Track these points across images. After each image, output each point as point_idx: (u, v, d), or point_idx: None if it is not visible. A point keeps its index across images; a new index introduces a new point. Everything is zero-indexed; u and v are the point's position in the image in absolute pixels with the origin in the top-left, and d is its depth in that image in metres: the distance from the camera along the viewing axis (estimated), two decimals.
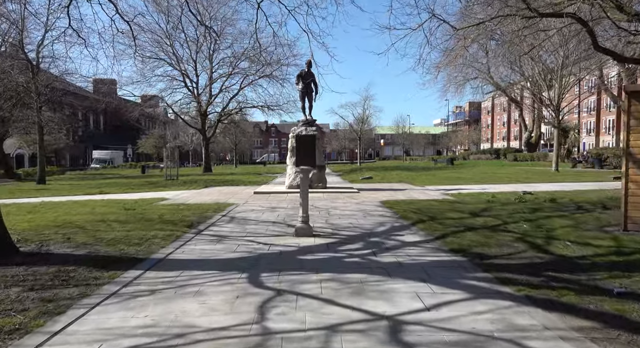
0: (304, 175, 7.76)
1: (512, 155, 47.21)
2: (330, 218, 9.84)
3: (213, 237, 7.73)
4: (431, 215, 9.95)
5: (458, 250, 6.35)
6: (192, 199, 14.80)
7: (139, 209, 11.90)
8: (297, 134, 17.08)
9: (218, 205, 12.80)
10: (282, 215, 10.62)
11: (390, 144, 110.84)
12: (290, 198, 14.43)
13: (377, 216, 10.15)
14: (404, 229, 8.29)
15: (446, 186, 18.43)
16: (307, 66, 17.35)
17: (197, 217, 10.28)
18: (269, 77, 36.17)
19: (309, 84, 17.45)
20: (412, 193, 15.58)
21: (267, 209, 11.81)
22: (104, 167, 55.53)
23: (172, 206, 12.56)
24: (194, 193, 17.35)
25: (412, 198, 13.98)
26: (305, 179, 7.79)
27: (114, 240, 7.30)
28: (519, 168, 32.13)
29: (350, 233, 8.00)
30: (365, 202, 13.09)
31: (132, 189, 19.73)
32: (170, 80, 35.20)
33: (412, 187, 18.72)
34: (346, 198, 14.43)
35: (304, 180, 7.78)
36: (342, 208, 11.65)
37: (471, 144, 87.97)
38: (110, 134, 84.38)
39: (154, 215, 10.39)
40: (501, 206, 11.23)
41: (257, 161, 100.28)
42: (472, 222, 8.85)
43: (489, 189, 16.53)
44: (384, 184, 20.58)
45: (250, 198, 14.72)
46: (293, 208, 11.96)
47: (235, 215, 10.60)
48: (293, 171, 17.16)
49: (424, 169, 33.95)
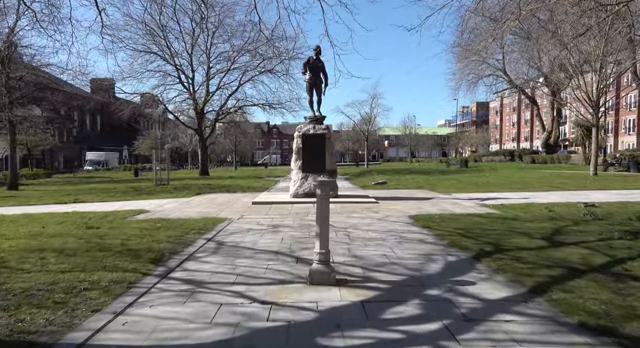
0: (321, 191, 5.12)
1: (529, 157, 44.42)
2: (353, 246, 7.19)
3: (184, 287, 5.09)
4: (490, 240, 7.30)
5: (595, 328, 3.68)
6: (176, 212, 12.17)
7: (104, 228, 9.30)
8: (303, 133, 14.46)
9: (205, 221, 10.16)
10: (287, 238, 7.98)
11: (394, 145, 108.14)
12: (296, 211, 11.80)
13: (416, 241, 7.50)
14: (468, 269, 5.64)
15: (477, 194, 15.78)
16: (316, 53, 14.72)
17: (172, 242, 7.64)
18: (270, 72, 33.52)
19: (317, 73, 14.82)
20: (443, 204, 12.94)
21: (268, 228, 9.16)
22: (96, 169, 52.99)
23: (148, 223, 9.92)
24: (181, 203, 14.72)
25: (447, 211, 11.33)
26: (325, 199, 5.14)
27: (22, 296, 4.66)
28: (546, 171, 29.42)
29: (390, 278, 5.36)
30: (391, 218, 10.44)
31: (113, 197, 17.12)
32: (164, 75, 32.57)
33: (437, 194, 16.08)
34: (365, 211, 11.78)
35: (322, 201, 5.14)
36: (364, 228, 9.00)
37: (479, 145, 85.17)
38: (107, 134, 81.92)
39: (116, 240, 7.75)
40: (575, 225, 8.56)
41: (259, 163, 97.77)
42: (561, 254, 6.18)
43: (532, 198, 13.89)
44: (402, 191, 17.93)
45: (247, 211, 12.09)
46: (301, 227, 9.34)
47: (225, 240, 7.95)
48: (299, 177, 14.54)
49: (440, 173, 31.25)
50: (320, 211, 5.17)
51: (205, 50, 33.45)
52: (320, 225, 5.18)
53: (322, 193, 5.16)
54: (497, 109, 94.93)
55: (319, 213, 5.19)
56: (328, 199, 5.26)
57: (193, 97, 33.24)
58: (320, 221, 5.17)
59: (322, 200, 5.18)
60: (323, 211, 5.16)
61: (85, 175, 43.41)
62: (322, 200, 5.18)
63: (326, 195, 5.18)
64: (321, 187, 5.17)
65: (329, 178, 6.43)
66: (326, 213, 5.19)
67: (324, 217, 5.16)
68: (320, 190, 5.17)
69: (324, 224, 5.17)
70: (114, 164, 62.30)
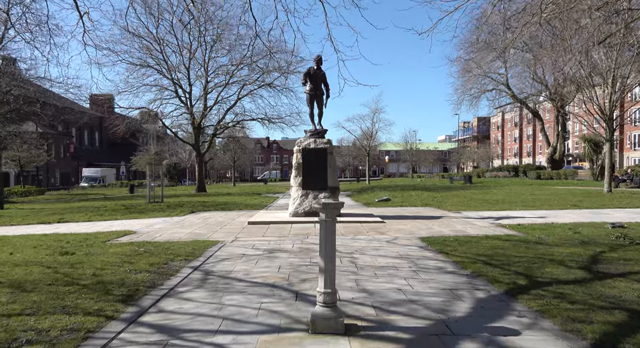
0: (326, 215, 4.14)
1: (534, 172, 43.41)
2: (362, 277, 6.19)
3: (154, 337, 4.07)
4: (519, 270, 6.29)
5: None
6: (165, 233, 11.17)
7: (80, 253, 8.30)
8: (303, 147, 13.52)
9: (195, 245, 9.15)
10: (285, 266, 6.98)
11: (395, 160, 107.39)
12: (295, 232, 10.80)
13: (434, 270, 6.49)
14: (505, 310, 4.62)
15: (489, 212, 14.79)
16: (316, 63, 13.88)
17: (153, 272, 6.64)
18: (270, 86, 32.73)
19: (318, 84, 13.95)
20: (454, 224, 11.94)
21: (264, 253, 8.16)
22: (92, 186, 51.96)
23: (131, 247, 8.91)
24: (172, 223, 13.71)
25: (461, 232, 10.33)
26: (331, 225, 4.16)
27: None
28: (555, 188, 28.40)
29: (410, 323, 4.34)
30: (401, 240, 9.44)
31: (101, 216, 16.12)
32: (160, 90, 31.75)
33: (446, 213, 15.08)
34: (371, 232, 10.77)
35: (328, 228, 4.15)
36: (372, 253, 7.99)
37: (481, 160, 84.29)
38: (106, 150, 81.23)
39: (88, 270, 6.74)
40: (612, 251, 7.55)
41: (258, 179, 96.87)
42: (612, 291, 5.17)
43: (550, 218, 12.90)
44: (408, 209, 16.94)
45: (242, 232, 11.08)
46: (301, 251, 8.34)
47: (214, 268, 6.95)
48: (298, 194, 13.57)
49: (444, 189, 30.24)
50: (324, 240, 4.18)
51: (203, 64, 32.75)
52: (324, 258, 4.18)
53: (327, 218, 4.18)
54: (498, 124, 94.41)
55: (323, 244, 4.20)
56: (334, 225, 4.28)
57: (190, 111, 32.40)
58: (325, 253, 4.17)
59: (328, 227, 4.19)
60: (328, 241, 4.17)
61: (80, 192, 42.37)
62: (327, 227, 4.19)
63: (332, 220, 4.20)
64: (326, 210, 4.18)
65: (334, 199, 5.41)
66: (332, 242, 4.20)
67: (329, 248, 4.17)
68: (324, 213, 4.18)
69: (329, 257, 4.17)
70: (111, 180, 61.29)
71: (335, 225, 4.28)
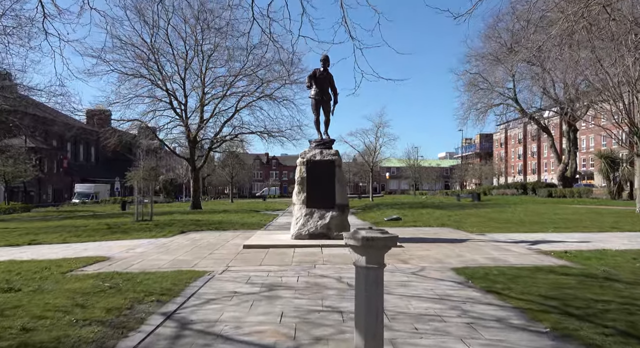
0: (369, 258, 2.39)
1: (544, 190, 41.57)
2: (398, 336, 4.35)
3: None
4: (619, 325, 4.51)
5: None
6: (144, 260, 9.36)
7: (28, 289, 6.56)
8: (308, 159, 11.81)
9: (176, 277, 7.34)
10: (289, 314, 5.18)
11: (396, 177, 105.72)
12: (299, 260, 9.01)
13: (496, 324, 4.70)
14: None
15: (518, 235, 13.02)
16: (323, 63, 12.26)
17: (108, 324, 4.83)
18: (270, 97, 31.06)
19: (325, 88, 12.29)
20: (486, 249, 10.15)
21: (261, 291, 6.36)
22: (84, 203, 50.06)
23: (97, 280, 7.10)
24: (157, 246, 11.88)
25: (499, 261, 8.54)
26: (376, 278, 2.41)
27: None
28: (574, 206, 26.67)
29: None
30: (430, 271, 7.64)
31: (79, 237, 14.30)
32: (154, 101, 30.07)
33: (469, 235, 13.30)
34: (390, 259, 8.95)
35: (372, 281, 2.39)
36: (401, 292, 6.19)
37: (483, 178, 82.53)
38: (102, 165, 79.41)
39: (20, 320, 4.94)
40: None
41: (257, 195, 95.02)
42: None
43: (594, 242, 11.17)
44: (424, 229, 15.15)
45: (235, 259, 9.27)
46: (308, 287, 6.56)
47: (193, 317, 5.14)
48: (302, 213, 11.80)
49: (454, 207, 28.44)
50: (365, 305, 2.44)
51: (200, 75, 31.16)
52: (364, 335, 2.39)
53: (370, 264, 2.41)
54: (501, 141, 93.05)
55: (362, 310, 2.43)
56: (381, 276, 2.50)
57: (185, 124, 30.68)
58: (367, 326, 2.40)
59: (372, 280, 2.44)
60: (372, 305, 2.41)
61: (69, 208, 40.42)
62: (370, 280, 2.44)
63: (378, 267, 2.44)
64: (369, 251, 2.42)
65: (377, 229, 3.52)
66: (378, 309, 2.42)
67: (373, 319, 2.39)
68: (365, 255, 2.45)
69: (373, 334, 2.38)
70: (105, 197, 59.35)
71: (382, 275, 2.51)
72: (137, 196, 20.17)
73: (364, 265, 2.41)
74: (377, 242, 2.42)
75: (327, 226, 11.60)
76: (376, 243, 2.41)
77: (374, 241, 2.40)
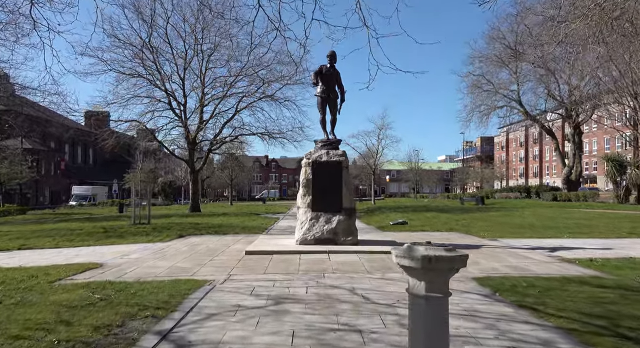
0: (429, 283, 1.79)
1: (549, 194, 40.89)
2: None
3: None
4: None
5: None
6: (139, 267, 8.73)
7: (11, 301, 5.99)
8: (314, 160, 11.19)
9: (173, 288, 6.71)
10: (301, 333, 4.57)
11: (396, 180, 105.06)
12: (306, 267, 8.38)
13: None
14: None
15: (532, 240, 12.43)
16: (330, 59, 11.65)
17: (94, 345, 4.20)
18: (271, 98, 30.43)
19: (331, 85, 11.68)
20: (503, 256, 9.54)
21: (267, 305, 5.74)
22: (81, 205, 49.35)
23: (85, 291, 6.47)
24: (153, 251, 11.24)
25: (522, 270, 7.94)
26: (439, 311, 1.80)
27: None
28: (583, 210, 26.00)
29: None
30: (451, 283, 6.94)
31: (72, 241, 13.64)
32: (152, 102, 29.38)
33: (481, 240, 12.69)
34: None
35: (431, 315, 1.78)
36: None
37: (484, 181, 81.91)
38: (100, 168, 78.66)
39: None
40: None
41: (256, 198, 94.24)
42: None
43: (617, 249, 10.60)
44: (433, 234, 14.52)
45: (237, 267, 8.64)
46: (320, 300, 5.93)
47: (192, 337, 4.52)
48: (307, 217, 11.16)
49: (459, 210, 27.81)
50: (427, 344, 1.78)
51: (199, 75, 30.53)
52: None
53: (431, 292, 1.79)
54: (502, 144, 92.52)
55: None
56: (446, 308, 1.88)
57: (185, 125, 30.02)
58: None
59: (431, 314, 1.80)
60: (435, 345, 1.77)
61: (66, 211, 39.72)
62: (429, 314, 1.80)
63: (443, 297, 1.82)
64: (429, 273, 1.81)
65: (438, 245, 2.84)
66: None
67: None
68: (424, 280, 1.83)
69: None
70: (102, 199, 58.61)
71: (447, 307, 1.89)
72: (135, 198, 19.49)
73: (423, 293, 1.80)
74: (442, 263, 1.80)
75: (334, 231, 10.98)
76: (441, 265, 1.80)
77: (438, 262, 1.78)
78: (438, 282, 1.82)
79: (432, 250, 1.86)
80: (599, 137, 61.01)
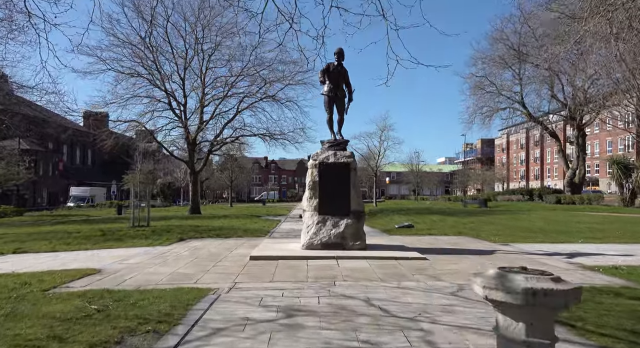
0: (530, 329, 1.35)
1: (552, 196, 40.48)
2: None
3: None
4: None
5: None
6: (139, 273, 8.27)
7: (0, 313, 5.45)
8: (321, 161, 10.75)
9: (176, 297, 6.25)
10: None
11: (396, 182, 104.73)
12: (315, 274, 7.94)
13: None
14: None
15: (545, 245, 12.03)
16: (337, 57, 11.24)
17: None
18: (272, 98, 30.01)
19: (339, 84, 11.26)
20: (521, 263, 8.91)
21: (278, 318, 5.29)
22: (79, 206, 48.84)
23: (81, 301, 6.02)
24: (153, 255, 10.79)
25: None
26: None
27: None
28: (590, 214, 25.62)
29: None
30: (472, 294, 6.55)
31: (69, 245, 13.18)
32: (152, 101, 28.90)
33: (492, 245, 12.26)
34: (417, 275, 7.91)
35: None
36: (449, 320, 5.14)
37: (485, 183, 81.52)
38: (98, 169, 78.09)
39: None
40: None
41: (256, 199, 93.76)
42: None
43: (637, 255, 10.12)
44: (441, 238, 14.10)
45: (242, 274, 8.18)
46: (335, 313, 5.49)
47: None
48: (314, 221, 10.72)
49: (464, 213, 27.40)
50: None
51: (200, 75, 30.07)
52: None
53: (535, 337, 1.34)
54: (503, 147, 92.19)
55: None
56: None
57: (185, 125, 29.55)
58: None
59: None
60: None
61: (63, 212, 39.20)
62: None
63: (550, 343, 1.37)
64: (532, 312, 1.35)
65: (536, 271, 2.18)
66: None
67: None
68: (523, 319, 1.36)
69: None
70: (101, 200, 58.04)
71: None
72: (134, 200, 19.03)
73: (523, 338, 1.33)
74: (552, 298, 1.34)
75: (342, 235, 10.54)
76: (550, 302, 1.34)
77: (547, 297, 1.32)
78: (545, 321, 1.38)
79: (534, 280, 1.41)
80: (602, 139, 60.66)
